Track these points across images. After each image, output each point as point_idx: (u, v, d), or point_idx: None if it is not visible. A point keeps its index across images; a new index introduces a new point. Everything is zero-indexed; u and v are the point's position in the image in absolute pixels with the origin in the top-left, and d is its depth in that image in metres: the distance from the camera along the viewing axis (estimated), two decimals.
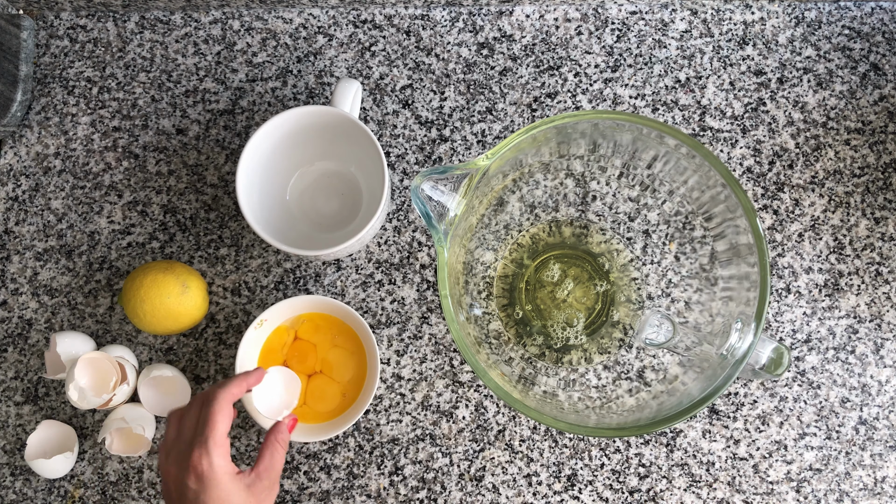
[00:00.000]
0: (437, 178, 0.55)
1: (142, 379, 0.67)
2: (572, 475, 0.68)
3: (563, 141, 0.61)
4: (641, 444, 0.68)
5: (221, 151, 0.73)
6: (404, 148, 0.72)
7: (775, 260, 0.70)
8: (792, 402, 0.68)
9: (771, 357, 0.56)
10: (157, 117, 0.73)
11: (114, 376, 0.65)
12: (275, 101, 0.73)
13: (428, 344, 0.70)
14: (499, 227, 0.70)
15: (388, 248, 0.71)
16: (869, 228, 0.70)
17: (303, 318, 0.69)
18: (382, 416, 0.69)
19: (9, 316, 0.71)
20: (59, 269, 0.71)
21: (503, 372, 0.64)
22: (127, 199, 0.72)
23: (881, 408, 0.68)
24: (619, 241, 0.70)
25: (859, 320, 0.69)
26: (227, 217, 0.72)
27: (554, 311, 0.69)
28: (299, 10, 0.74)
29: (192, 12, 0.75)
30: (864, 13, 0.73)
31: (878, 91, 0.72)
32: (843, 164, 0.71)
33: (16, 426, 0.70)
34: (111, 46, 0.74)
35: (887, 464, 0.68)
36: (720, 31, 0.73)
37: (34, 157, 0.73)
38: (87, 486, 0.69)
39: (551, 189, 0.69)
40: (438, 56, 0.73)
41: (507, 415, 0.69)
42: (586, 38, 0.73)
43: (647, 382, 0.67)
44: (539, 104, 0.72)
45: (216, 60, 0.74)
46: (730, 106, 0.72)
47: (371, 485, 0.68)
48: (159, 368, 0.67)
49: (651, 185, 0.66)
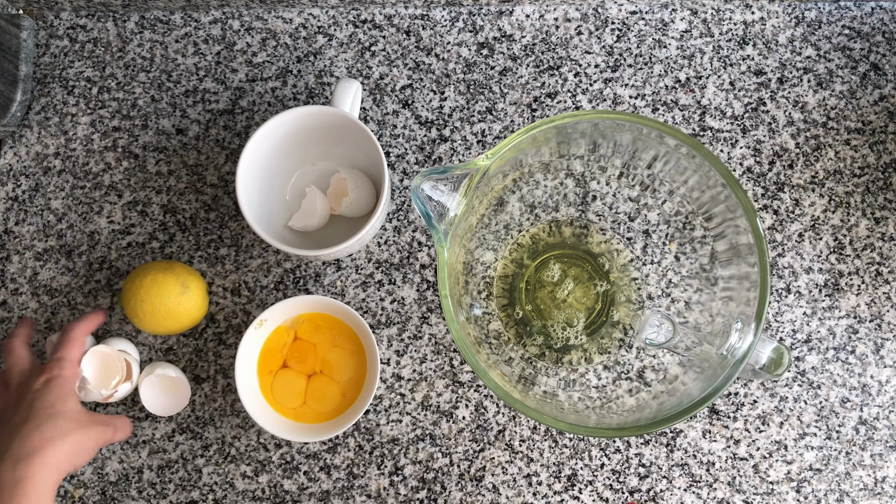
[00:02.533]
0: (437, 178, 0.55)
1: (144, 377, 0.67)
2: (572, 475, 0.68)
3: (563, 141, 0.61)
4: (641, 444, 0.68)
5: (221, 151, 0.73)
6: (404, 148, 0.72)
7: (775, 260, 0.70)
8: (792, 402, 0.68)
9: (771, 357, 0.56)
10: (157, 117, 0.73)
11: (118, 373, 0.66)
12: (275, 101, 0.73)
13: (428, 344, 0.70)
14: (499, 227, 0.70)
15: (388, 248, 0.71)
16: (869, 228, 0.70)
17: (303, 318, 0.69)
18: (382, 416, 0.69)
19: (9, 316, 0.71)
20: (59, 269, 0.71)
21: (503, 372, 0.64)
22: (127, 199, 0.72)
23: (881, 408, 0.68)
24: (619, 241, 0.70)
25: (859, 320, 0.69)
26: (227, 217, 0.72)
27: (554, 311, 0.69)
28: (299, 10, 0.74)
29: (192, 12, 0.75)
30: (864, 13, 0.73)
31: (878, 91, 0.72)
32: (843, 164, 0.71)
33: None
34: (111, 46, 0.74)
35: (887, 464, 0.68)
36: (720, 31, 0.73)
37: (34, 157, 0.73)
38: (87, 486, 0.69)
39: (551, 189, 0.69)
40: (438, 56, 0.73)
41: (507, 415, 0.69)
42: (586, 38, 0.73)
43: (647, 382, 0.67)
44: (539, 104, 0.72)
45: (216, 60, 0.74)
46: (730, 106, 0.72)
47: (371, 485, 0.68)
48: (162, 367, 0.67)
49: (651, 185, 0.66)
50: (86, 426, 0.58)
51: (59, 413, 0.57)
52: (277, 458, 0.69)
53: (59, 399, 0.58)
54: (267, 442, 0.69)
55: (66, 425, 0.57)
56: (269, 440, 0.69)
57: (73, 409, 0.59)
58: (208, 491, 0.68)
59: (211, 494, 0.68)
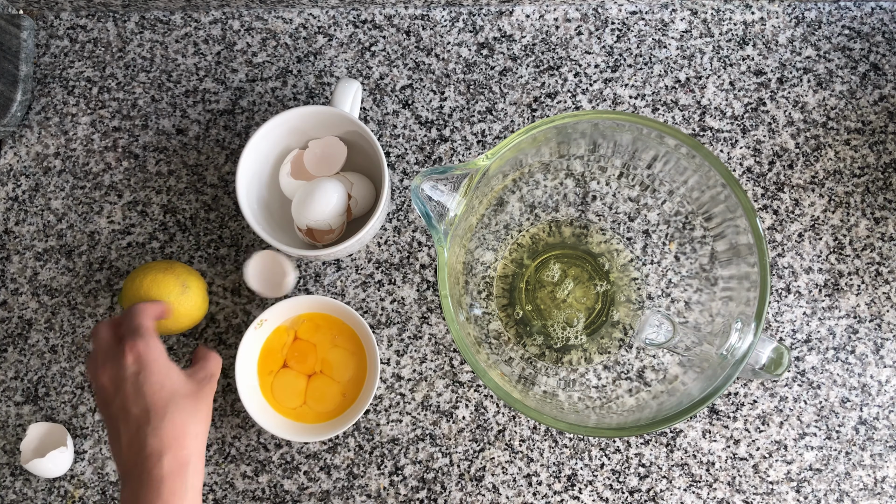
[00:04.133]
0: (437, 178, 0.55)
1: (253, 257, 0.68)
2: (572, 475, 0.68)
3: (563, 141, 0.61)
4: (641, 444, 0.68)
5: (221, 151, 0.73)
6: (404, 148, 0.72)
7: (775, 260, 0.70)
8: (792, 402, 0.68)
9: (771, 357, 0.56)
10: (157, 117, 0.73)
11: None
12: (275, 101, 0.73)
13: (428, 344, 0.70)
14: (499, 227, 0.70)
15: (388, 248, 0.71)
16: (869, 228, 0.70)
17: (303, 318, 0.69)
18: (382, 416, 0.69)
19: (9, 316, 0.71)
20: (59, 269, 0.72)
21: (503, 372, 0.64)
22: (127, 199, 0.72)
23: (881, 408, 0.68)
24: (619, 241, 0.70)
25: (859, 320, 0.69)
26: (227, 217, 0.72)
27: (554, 311, 0.69)
28: (299, 10, 0.74)
29: (192, 12, 0.75)
30: (864, 13, 0.73)
31: (878, 91, 0.72)
32: (843, 164, 0.71)
33: (16, 426, 0.70)
34: (111, 46, 0.74)
35: (887, 464, 0.68)
36: (720, 31, 0.73)
37: (34, 157, 0.73)
38: (87, 486, 0.69)
39: (551, 189, 0.69)
40: (438, 56, 0.73)
41: (507, 415, 0.69)
42: (586, 38, 0.73)
43: (647, 382, 0.67)
44: (539, 104, 0.72)
45: (216, 60, 0.74)
46: (730, 106, 0.72)
47: (371, 485, 0.68)
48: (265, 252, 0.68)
49: (651, 185, 0.66)
50: (198, 393, 0.57)
51: (175, 392, 0.55)
52: (277, 458, 0.69)
53: (165, 377, 0.56)
54: (267, 442, 0.69)
55: (185, 403, 0.55)
56: (269, 440, 0.69)
57: (180, 380, 0.57)
58: (208, 491, 0.68)
59: (211, 494, 0.68)
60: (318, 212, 0.65)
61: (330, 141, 0.67)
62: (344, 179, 0.67)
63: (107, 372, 0.56)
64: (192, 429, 0.55)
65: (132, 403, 0.55)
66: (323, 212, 0.65)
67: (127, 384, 0.55)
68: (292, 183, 0.67)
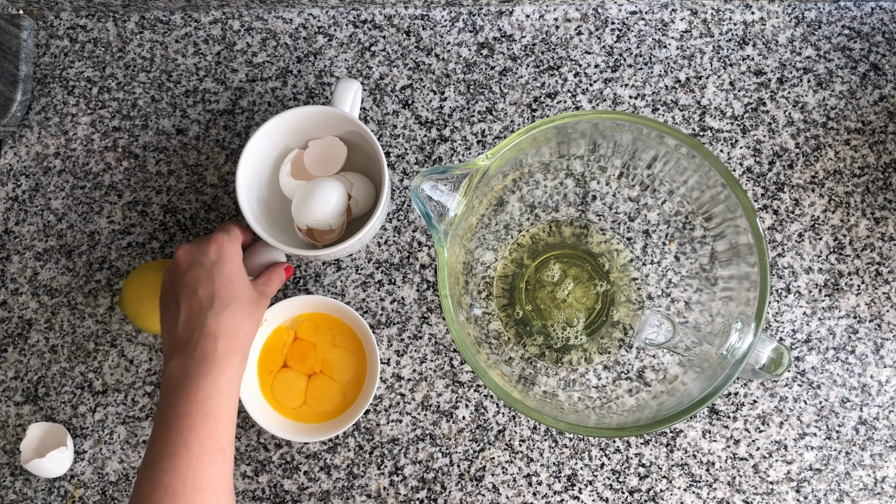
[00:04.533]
0: (437, 178, 0.55)
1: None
2: (572, 475, 0.68)
3: (563, 141, 0.61)
4: (641, 444, 0.68)
5: (221, 151, 0.73)
6: (404, 148, 0.72)
7: (775, 260, 0.70)
8: (792, 402, 0.68)
9: (771, 357, 0.56)
10: (157, 117, 0.73)
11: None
12: (275, 101, 0.73)
13: (428, 344, 0.70)
14: (499, 227, 0.70)
15: (388, 248, 0.71)
16: (869, 228, 0.70)
17: (303, 318, 0.69)
18: (382, 416, 0.69)
19: (9, 316, 0.71)
20: (59, 269, 0.72)
21: (503, 372, 0.64)
22: (127, 199, 0.72)
23: (881, 408, 0.68)
24: (619, 241, 0.70)
25: (859, 320, 0.69)
26: (227, 217, 0.72)
27: (554, 311, 0.69)
28: (299, 10, 0.74)
29: (192, 12, 0.75)
30: (864, 13, 0.73)
31: (878, 91, 0.72)
32: (843, 164, 0.71)
33: (16, 426, 0.70)
34: (111, 46, 0.74)
35: (887, 464, 0.68)
36: (720, 31, 0.73)
37: (34, 157, 0.73)
38: (87, 486, 0.69)
39: (551, 189, 0.69)
40: (438, 56, 0.73)
41: (507, 415, 0.69)
42: (586, 38, 0.73)
43: (647, 382, 0.67)
44: (539, 104, 0.72)
45: (216, 60, 0.74)
46: (730, 106, 0.72)
47: (371, 485, 0.68)
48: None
49: (651, 185, 0.66)
50: (258, 300, 0.61)
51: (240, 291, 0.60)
52: (277, 458, 0.69)
53: (235, 274, 0.60)
54: (267, 442, 0.69)
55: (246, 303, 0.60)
56: (269, 440, 0.69)
57: (246, 283, 0.61)
58: None
59: None
60: (318, 212, 0.65)
61: (330, 141, 0.67)
62: (344, 179, 0.67)
63: (189, 252, 0.61)
64: (246, 325, 0.59)
65: (201, 287, 0.59)
66: (323, 212, 0.65)
67: (202, 269, 0.59)
68: (292, 183, 0.67)
